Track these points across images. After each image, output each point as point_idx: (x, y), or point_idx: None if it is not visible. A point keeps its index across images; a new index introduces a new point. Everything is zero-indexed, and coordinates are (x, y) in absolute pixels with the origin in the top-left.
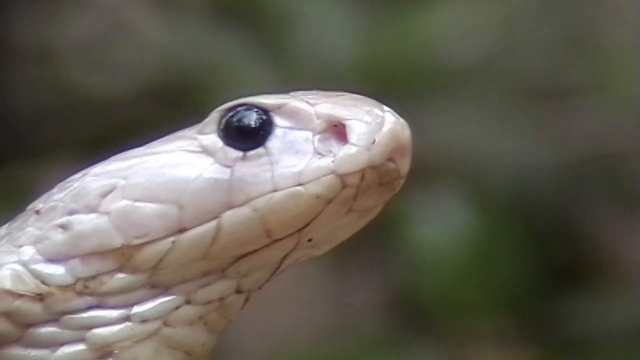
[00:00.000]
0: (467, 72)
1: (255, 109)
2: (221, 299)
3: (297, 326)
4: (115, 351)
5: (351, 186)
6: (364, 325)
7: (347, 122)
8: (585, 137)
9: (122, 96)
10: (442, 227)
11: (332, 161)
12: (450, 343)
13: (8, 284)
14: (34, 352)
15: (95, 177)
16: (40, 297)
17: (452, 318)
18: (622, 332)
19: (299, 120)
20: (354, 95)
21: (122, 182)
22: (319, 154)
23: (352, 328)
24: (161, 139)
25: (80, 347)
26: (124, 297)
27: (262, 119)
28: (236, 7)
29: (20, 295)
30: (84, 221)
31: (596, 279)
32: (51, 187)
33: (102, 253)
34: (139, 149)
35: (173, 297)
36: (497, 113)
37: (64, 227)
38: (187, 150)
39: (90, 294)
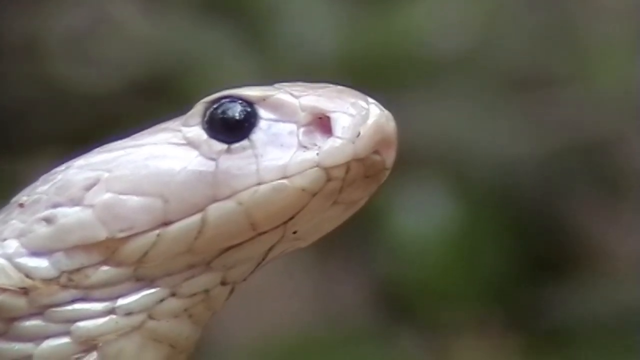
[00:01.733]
0: (450, 63)
1: (240, 101)
2: (206, 291)
3: (281, 319)
4: (100, 344)
5: (336, 179)
6: (349, 317)
7: (331, 115)
8: (568, 127)
9: (108, 90)
10: (425, 218)
11: (317, 154)
12: (434, 333)
13: None
14: (18, 346)
15: (79, 170)
16: (24, 291)
17: (436, 308)
18: (604, 321)
19: (283, 112)
20: (339, 87)
21: (106, 174)
22: (304, 146)
23: (337, 319)
24: (145, 131)
25: (65, 340)
26: (108, 290)
27: (246, 111)
28: (220, 1)
29: (4, 290)
30: (68, 214)
31: (579, 268)
32: (35, 179)
33: (86, 246)
34: (123, 141)
35: (158, 289)
36: (480, 104)
37: (48, 220)
38: (171, 143)
39: (75, 287)
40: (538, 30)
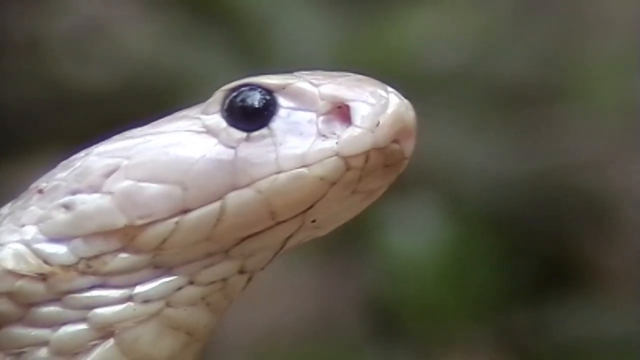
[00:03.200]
0: (443, 79)
1: (259, 89)
2: (224, 279)
3: (273, 331)
4: (117, 331)
5: (355, 168)
6: (340, 332)
7: (351, 104)
8: (561, 145)
9: (109, 89)
10: (417, 235)
11: (336, 143)
12: (425, 350)
13: (10, 264)
14: (35, 332)
15: (99, 157)
16: (42, 277)
17: (427, 325)
18: (596, 340)
19: (303, 101)
20: (358, 76)
21: (126, 161)
22: (323, 135)
23: (328, 335)
24: (164, 119)
25: (82, 326)
26: (126, 277)
27: (265, 99)
28: (214, 9)
29: (23, 275)
30: (87, 201)
31: (571, 288)
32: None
33: (105, 233)
34: (142, 128)
35: (176, 277)
36: (473, 121)
37: (67, 206)
38: (190, 131)
39: (93, 274)
40: (532, 47)
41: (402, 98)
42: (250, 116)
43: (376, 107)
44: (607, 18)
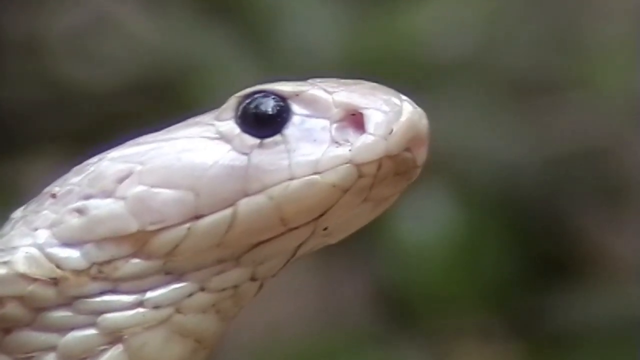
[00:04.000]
0: (453, 67)
1: (273, 96)
2: (235, 286)
3: (282, 321)
4: (125, 336)
5: (368, 176)
6: (350, 321)
7: (364, 111)
8: (571, 132)
9: (110, 89)
10: (427, 223)
11: (349, 150)
12: (436, 338)
13: (23, 268)
14: (44, 336)
15: (112, 162)
16: (54, 281)
17: (438, 313)
18: (607, 326)
19: (316, 108)
20: (372, 84)
21: (139, 167)
22: (336, 142)
23: (338, 323)
24: (178, 125)
25: (91, 331)
26: (137, 282)
27: (279, 106)
28: (222, 2)
29: (35, 279)
30: (100, 206)
31: (581, 274)
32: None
33: (117, 238)
34: (156, 134)
35: (187, 284)
36: (483, 108)
37: (79, 211)
38: (204, 137)
39: (104, 279)
40: (541, 34)
41: (416, 106)
42: (264, 123)
43: (389, 115)
44: (613, 4)
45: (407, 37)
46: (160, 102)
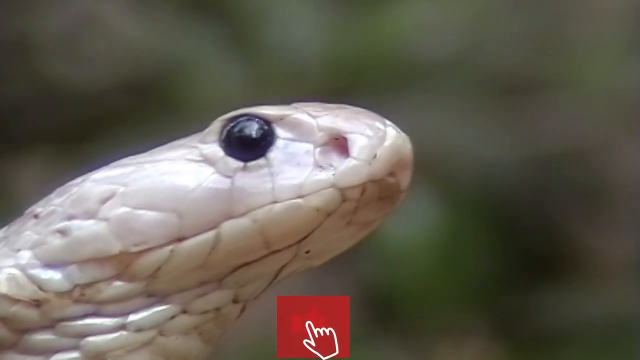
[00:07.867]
0: (437, 66)
1: (257, 120)
2: (217, 309)
3: (268, 320)
4: (108, 359)
5: (351, 200)
6: None
7: (348, 136)
8: (555, 132)
9: (99, 88)
10: (411, 222)
11: (333, 174)
12: (420, 337)
13: (5, 289)
14: (29, 359)
15: (95, 183)
16: (36, 303)
17: (422, 312)
18: (591, 326)
19: (300, 132)
20: (356, 109)
21: (122, 188)
22: (320, 166)
23: None
24: (162, 147)
25: (75, 354)
26: (120, 305)
27: (263, 129)
28: (208, 2)
29: (17, 301)
30: (83, 227)
31: (565, 273)
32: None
33: (100, 260)
34: (140, 155)
35: (169, 306)
36: (467, 108)
37: (62, 232)
38: (188, 159)
39: (87, 302)
40: (525, 34)
41: (400, 131)
42: (248, 146)
43: (373, 139)
44: (599, 3)
45: (391, 37)
46: (147, 101)
